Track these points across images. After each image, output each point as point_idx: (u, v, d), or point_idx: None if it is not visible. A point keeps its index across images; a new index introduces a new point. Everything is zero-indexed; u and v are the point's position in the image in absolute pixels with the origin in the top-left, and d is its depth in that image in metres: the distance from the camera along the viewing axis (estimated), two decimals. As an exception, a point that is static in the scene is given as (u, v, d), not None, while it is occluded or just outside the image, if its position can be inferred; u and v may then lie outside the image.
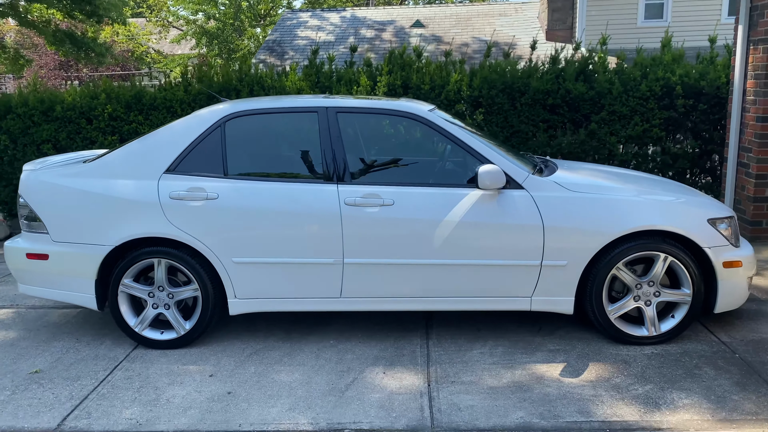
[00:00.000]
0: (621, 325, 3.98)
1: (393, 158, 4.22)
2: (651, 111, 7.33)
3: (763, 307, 4.54)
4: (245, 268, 4.00)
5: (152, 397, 3.50)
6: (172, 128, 4.18)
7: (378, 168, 4.12)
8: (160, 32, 28.46)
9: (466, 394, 3.44)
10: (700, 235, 3.86)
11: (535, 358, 3.85)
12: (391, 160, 4.20)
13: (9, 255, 4.23)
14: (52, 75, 25.89)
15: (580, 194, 3.91)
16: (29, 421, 3.29)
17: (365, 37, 16.89)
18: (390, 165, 4.16)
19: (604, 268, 3.89)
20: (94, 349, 4.16)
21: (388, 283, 3.99)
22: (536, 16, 17.35)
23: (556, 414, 3.22)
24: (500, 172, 3.80)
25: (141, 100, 7.99)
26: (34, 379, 3.76)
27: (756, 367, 3.64)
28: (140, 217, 3.97)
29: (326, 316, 4.57)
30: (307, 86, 7.88)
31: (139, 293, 4.08)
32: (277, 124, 4.18)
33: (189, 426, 3.20)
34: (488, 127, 7.48)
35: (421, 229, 3.90)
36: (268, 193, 3.96)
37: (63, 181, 4.10)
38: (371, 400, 3.41)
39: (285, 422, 3.21)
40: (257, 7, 27.85)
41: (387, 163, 4.18)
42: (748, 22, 6.02)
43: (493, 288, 3.98)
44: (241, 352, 4.04)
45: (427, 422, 3.18)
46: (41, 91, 8.44)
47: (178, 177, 4.03)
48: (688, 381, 3.51)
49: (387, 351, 4.01)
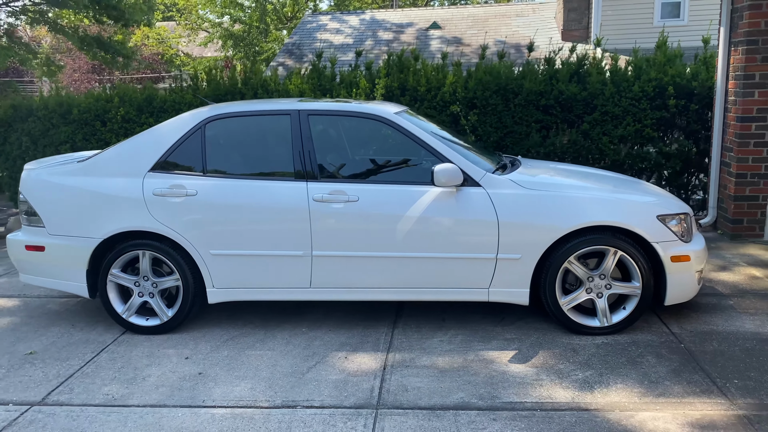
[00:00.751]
0: (574, 316, 4.18)
1: (360, 157, 4.49)
2: (643, 111, 7.45)
3: (722, 301, 4.68)
4: (222, 260, 4.31)
5: (130, 376, 3.84)
6: (157, 129, 4.52)
7: (345, 166, 4.40)
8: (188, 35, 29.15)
9: (416, 377, 3.69)
10: (648, 231, 4.05)
11: (490, 346, 4.08)
12: (357, 159, 4.47)
13: (10, 246, 4.61)
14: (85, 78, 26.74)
15: (533, 191, 4.12)
16: (18, 394, 3.65)
17: (382, 39, 17.17)
18: (356, 164, 4.43)
19: (557, 261, 4.10)
20: (87, 334, 4.52)
21: (354, 275, 4.26)
22: (553, 16, 17.42)
23: (495, 395, 3.45)
24: (456, 170, 4.04)
25: (152, 103, 8.41)
26: (28, 359, 4.13)
27: (696, 356, 3.82)
28: (126, 213, 4.32)
29: (303, 307, 4.86)
30: (309, 89, 8.20)
31: (126, 282, 4.43)
32: (253, 126, 4.48)
33: (157, 401, 3.52)
34: (482, 127, 7.69)
35: (384, 223, 4.16)
36: (243, 190, 4.27)
37: (58, 179, 4.47)
38: (328, 381, 3.69)
39: (245, 399, 3.51)
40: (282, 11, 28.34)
41: (354, 161, 4.45)
42: (729, 24, 6.13)
43: (453, 280, 4.22)
44: (218, 338, 4.35)
45: (374, 401, 3.44)
46: (60, 95, 8.92)
47: (161, 175, 4.36)
48: (628, 368, 3.71)
49: (353, 338, 4.28)
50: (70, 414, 3.41)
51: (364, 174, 4.34)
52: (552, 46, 13.97)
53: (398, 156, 4.47)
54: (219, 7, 26.09)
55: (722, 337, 4.08)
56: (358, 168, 4.44)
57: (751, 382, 3.49)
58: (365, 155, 4.59)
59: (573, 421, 3.16)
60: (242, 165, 4.41)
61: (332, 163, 4.37)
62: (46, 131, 8.71)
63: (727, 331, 4.17)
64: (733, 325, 4.26)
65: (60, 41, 27.18)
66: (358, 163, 4.47)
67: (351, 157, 4.53)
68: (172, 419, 3.32)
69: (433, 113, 7.74)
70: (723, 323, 4.29)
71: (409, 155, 4.39)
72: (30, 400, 3.59)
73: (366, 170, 4.39)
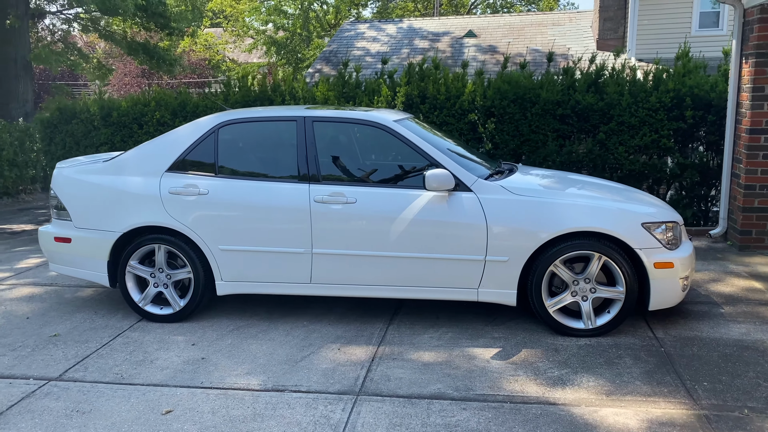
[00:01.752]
0: (559, 318, 4.35)
1: (360, 161, 4.75)
2: (660, 122, 7.52)
3: (713, 309, 4.77)
4: (230, 255, 4.63)
5: (140, 358, 4.18)
6: (176, 132, 4.88)
7: (345, 170, 4.68)
8: (234, 41, 30.00)
9: (400, 369, 3.93)
10: (631, 237, 4.19)
11: (476, 343, 4.29)
12: (358, 163, 4.74)
13: (41, 238, 5.03)
14: (135, 82, 27.75)
15: (521, 197, 4.32)
16: (39, 371, 4.03)
17: (418, 48, 17.44)
18: (357, 167, 4.71)
19: (543, 264, 4.28)
20: (107, 320, 4.90)
21: (351, 272, 4.52)
22: (589, 25, 17.40)
23: (470, 387, 3.66)
24: (447, 175, 4.27)
25: (185, 108, 8.86)
26: (52, 340, 4.52)
27: (673, 359, 3.95)
28: (144, 209, 4.68)
29: (307, 302, 5.14)
30: (334, 96, 8.51)
31: (143, 274, 4.79)
32: (263, 131, 4.80)
33: (160, 381, 3.84)
34: (499, 135, 7.88)
35: (380, 224, 4.42)
36: (250, 190, 4.58)
37: (84, 176, 4.87)
38: (318, 369, 3.96)
39: (240, 383, 3.80)
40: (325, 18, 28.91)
41: (354, 165, 4.73)
42: (740, 36, 6.18)
43: (444, 279, 4.44)
44: (225, 327, 4.67)
45: (357, 388, 3.69)
46: (103, 99, 9.46)
47: (177, 175, 4.71)
48: (604, 368, 3.86)
49: (349, 332, 4.54)
50: (81, 389, 3.76)
51: (363, 177, 4.61)
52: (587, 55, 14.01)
53: (397, 161, 4.73)
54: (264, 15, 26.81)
55: (704, 342, 4.19)
56: (358, 172, 4.70)
57: (720, 385, 3.61)
58: (365, 160, 4.85)
59: (538, 414, 3.35)
60: (251, 167, 4.73)
61: (334, 167, 4.65)
62: (88, 133, 9.26)
63: (711, 337, 4.27)
64: (718, 332, 4.36)
65: (112, 47, 28.37)
66: (358, 167, 4.74)
67: (352, 162, 4.80)
68: (171, 397, 3.64)
69: (452, 121, 7.96)
70: (708, 330, 4.40)
71: (406, 160, 4.63)
72: (49, 375, 3.96)
73: (365, 174, 4.65)
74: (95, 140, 9.15)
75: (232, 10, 29.31)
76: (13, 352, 4.34)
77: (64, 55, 16.14)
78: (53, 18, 17.45)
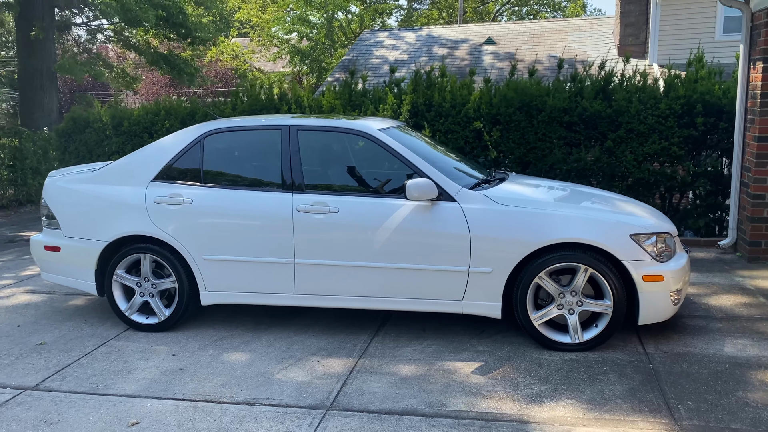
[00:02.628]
0: (545, 331, 4.22)
1: (344, 170, 4.69)
2: (670, 129, 7.32)
3: (711, 324, 4.59)
4: (213, 265, 4.60)
5: (119, 368, 4.17)
6: (163, 141, 4.88)
7: (329, 179, 4.62)
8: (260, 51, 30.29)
9: (376, 383, 3.84)
10: (619, 249, 4.05)
11: (459, 357, 4.18)
12: (342, 172, 4.68)
13: (33, 246, 5.08)
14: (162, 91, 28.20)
15: (505, 207, 4.21)
16: (18, 379, 4.04)
17: (437, 55, 17.35)
18: (340, 176, 4.65)
19: (528, 276, 4.16)
20: (95, 329, 4.91)
21: (334, 283, 4.45)
22: (611, 31, 17.12)
23: (444, 403, 3.55)
24: (429, 184, 4.18)
25: (194, 117, 8.91)
26: (37, 349, 4.54)
27: (660, 376, 3.79)
28: (130, 218, 4.68)
29: (295, 311, 5.09)
30: (340, 104, 8.48)
31: (129, 283, 4.79)
32: (248, 140, 4.77)
33: (134, 392, 3.82)
34: (505, 143, 7.75)
35: (362, 234, 4.35)
36: (233, 199, 4.55)
37: (73, 186, 4.90)
38: (293, 382, 3.89)
39: (211, 395, 3.76)
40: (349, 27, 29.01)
41: (338, 174, 4.67)
42: (748, 40, 5.98)
43: (427, 291, 4.35)
44: (208, 338, 4.64)
45: (328, 403, 3.61)
46: (116, 108, 9.59)
47: (162, 184, 4.71)
48: (585, 384, 3.72)
49: (332, 344, 4.47)
50: (54, 399, 3.75)
51: (347, 187, 4.54)
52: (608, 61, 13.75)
53: (381, 170, 4.66)
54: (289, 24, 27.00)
55: (696, 359, 4.02)
56: (342, 181, 4.64)
57: (705, 404, 3.45)
58: (349, 168, 4.78)
59: (508, 432, 3.24)
60: (235, 175, 4.70)
61: (317, 176, 4.60)
62: (101, 142, 9.38)
63: (703, 353, 4.10)
64: (712, 348, 4.18)
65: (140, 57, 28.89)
66: (342, 176, 4.68)
67: (336, 171, 4.74)
68: (141, 408, 3.61)
69: (457, 129, 7.87)
70: (702, 346, 4.22)
71: (391, 169, 4.56)
72: (26, 384, 3.96)
73: (348, 183, 4.58)
74: (107, 149, 9.27)
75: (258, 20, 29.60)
76: (-3, 360, 4.37)
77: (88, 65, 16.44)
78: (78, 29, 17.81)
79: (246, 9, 29.69)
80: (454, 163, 4.88)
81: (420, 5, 34.48)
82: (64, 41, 17.70)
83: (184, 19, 16.26)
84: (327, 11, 26.72)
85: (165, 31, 16.73)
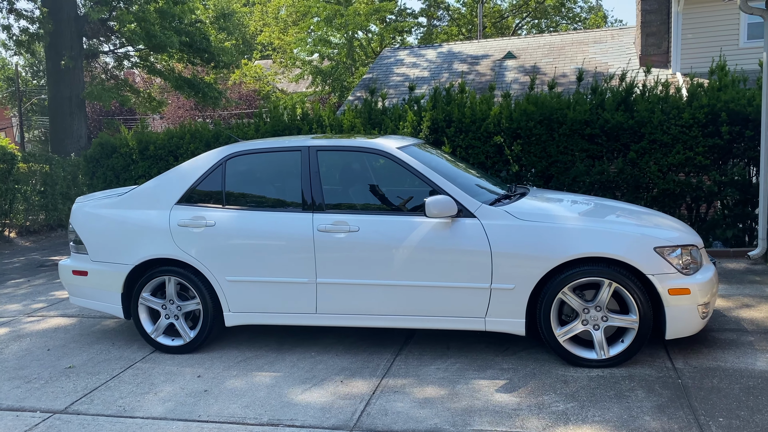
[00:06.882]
0: (570, 348, 4.16)
1: (364, 189, 4.71)
2: (694, 139, 7.24)
3: (742, 337, 4.48)
4: (236, 286, 4.64)
5: (145, 390, 4.21)
6: (186, 165, 4.96)
7: (349, 198, 4.64)
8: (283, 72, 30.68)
9: (400, 402, 3.82)
10: (643, 263, 3.99)
11: (483, 375, 4.14)
12: (361, 191, 4.70)
13: (61, 271, 5.17)
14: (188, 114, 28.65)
15: (526, 222, 4.18)
16: (47, 403, 4.10)
17: (457, 71, 17.38)
18: (360, 195, 4.67)
19: (551, 292, 4.11)
20: (122, 351, 4.97)
21: (356, 302, 4.46)
22: (632, 41, 17.00)
23: (468, 422, 3.52)
24: (449, 201, 4.18)
25: (218, 139, 9.04)
26: (66, 372, 4.61)
27: (690, 392, 3.71)
28: (155, 242, 4.75)
29: (318, 331, 5.10)
30: (360, 122, 8.54)
31: (155, 305, 4.85)
32: (269, 162, 4.83)
33: (160, 414, 3.85)
34: (526, 157, 7.72)
35: (383, 252, 4.35)
36: (255, 221, 4.60)
37: (99, 211, 4.99)
38: (317, 403, 3.89)
39: (236, 416, 3.77)
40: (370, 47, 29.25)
41: (358, 193, 4.69)
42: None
43: (450, 308, 4.33)
44: (233, 359, 4.67)
45: (352, 423, 3.60)
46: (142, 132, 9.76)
47: (186, 207, 4.77)
48: (612, 402, 3.66)
49: (356, 363, 4.46)
50: (82, 422, 3.80)
51: (366, 205, 4.56)
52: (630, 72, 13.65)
53: (400, 188, 4.66)
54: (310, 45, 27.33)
55: (726, 374, 3.93)
56: (361, 199, 4.66)
57: (737, 420, 3.37)
58: (368, 187, 4.79)
59: (534, 451, 3.19)
60: (257, 197, 4.75)
61: (337, 195, 4.63)
62: (127, 166, 9.55)
63: (735, 368, 4.01)
64: (744, 362, 4.09)
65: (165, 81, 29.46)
66: (362, 195, 4.70)
67: (356, 190, 4.76)
68: (166, 430, 3.63)
69: (478, 144, 7.86)
70: (733, 360, 4.12)
71: (410, 187, 4.57)
72: (55, 408, 4.02)
73: (368, 202, 4.61)
74: (134, 173, 9.43)
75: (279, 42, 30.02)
76: (27, 384, 4.44)
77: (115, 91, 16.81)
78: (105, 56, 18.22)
79: (268, 32, 30.13)
80: (473, 179, 4.87)
81: (439, 22, 34.64)
82: (92, 69, 18.13)
83: (207, 44, 16.58)
84: (347, 31, 26.99)
85: (189, 56, 17.05)
